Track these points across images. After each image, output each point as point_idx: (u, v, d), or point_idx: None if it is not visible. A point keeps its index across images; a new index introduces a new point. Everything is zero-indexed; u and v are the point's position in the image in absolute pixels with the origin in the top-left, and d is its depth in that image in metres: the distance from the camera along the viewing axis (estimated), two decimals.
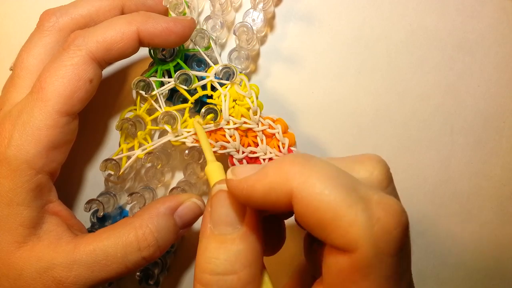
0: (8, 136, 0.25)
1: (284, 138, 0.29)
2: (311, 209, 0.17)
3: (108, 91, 0.33)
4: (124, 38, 0.26)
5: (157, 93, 0.29)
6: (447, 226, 0.33)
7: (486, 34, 0.32)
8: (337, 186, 0.17)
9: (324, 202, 0.16)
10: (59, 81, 0.25)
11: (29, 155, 0.25)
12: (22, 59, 0.27)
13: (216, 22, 0.30)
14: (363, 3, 0.32)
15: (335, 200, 0.16)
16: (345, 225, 0.16)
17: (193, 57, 0.31)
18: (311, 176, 0.17)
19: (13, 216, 0.25)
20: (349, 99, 0.33)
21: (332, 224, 0.16)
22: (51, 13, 0.28)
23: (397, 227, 0.16)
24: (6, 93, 0.27)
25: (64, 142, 0.27)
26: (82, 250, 0.25)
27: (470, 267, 0.33)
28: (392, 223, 0.16)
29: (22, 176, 0.25)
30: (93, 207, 0.29)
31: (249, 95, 0.29)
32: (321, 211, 0.16)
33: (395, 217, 0.16)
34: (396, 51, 0.32)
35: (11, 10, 0.34)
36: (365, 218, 0.16)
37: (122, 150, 0.30)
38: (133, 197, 0.30)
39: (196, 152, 0.31)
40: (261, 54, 0.33)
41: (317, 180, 0.17)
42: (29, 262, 0.25)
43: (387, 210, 0.16)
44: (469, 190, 0.32)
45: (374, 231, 0.16)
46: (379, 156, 0.19)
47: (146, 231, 0.26)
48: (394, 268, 0.16)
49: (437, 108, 0.32)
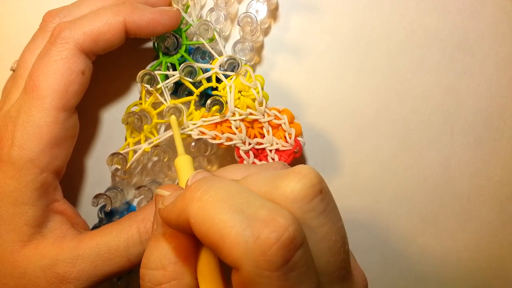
0: (10, 136, 0.25)
1: (290, 129, 0.29)
2: (202, 232, 0.18)
3: (108, 85, 0.33)
4: (111, 29, 0.26)
5: (162, 86, 0.29)
6: (447, 226, 0.33)
7: (486, 34, 0.32)
8: (224, 208, 0.17)
9: (211, 225, 0.17)
10: (52, 76, 0.25)
11: (32, 153, 0.25)
12: (26, 60, 0.27)
13: (220, 15, 0.30)
14: (363, 3, 0.32)
15: (220, 222, 0.17)
16: (229, 246, 0.17)
17: (197, 50, 0.31)
18: (202, 200, 0.18)
19: (18, 216, 0.25)
20: (349, 99, 0.32)
21: (219, 245, 0.17)
22: (54, 13, 0.28)
23: (276, 242, 0.16)
24: (8, 93, 0.27)
25: (66, 138, 0.27)
26: (85, 245, 0.25)
27: (470, 267, 0.33)
28: (272, 239, 0.16)
29: (27, 175, 0.25)
30: (101, 202, 0.29)
31: (254, 86, 0.29)
32: (210, 233, 0.17)
33: (276, 232, 0.17)
34: (396, 51, 0.32)
35: (11, 10, 0.34)
36: (244, 237, 0.17)
37: (128, 144, 0.30)
38: (140, 190, 0.30)
39: (202, 144, 0.30)
40: (265, 45, 0.33)
41: (207, 204, 0.18)
42: (33, 260, 0.25)
43: (269, 227, 0.17)
44: (470, 190, 0.32)
45: (252, 249, 0.16)
46: (309, 168, 0.19)
47: (148, 224, 0.26)
48: (280, 282, 0.17)
49: (437, 108, 0.32)
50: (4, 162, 0.25)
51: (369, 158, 0.33)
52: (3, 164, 0.25)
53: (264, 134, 0.29)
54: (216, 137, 0.29)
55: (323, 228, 0.19)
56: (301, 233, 0.17)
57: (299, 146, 0.29)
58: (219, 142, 0.29)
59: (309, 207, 0.18)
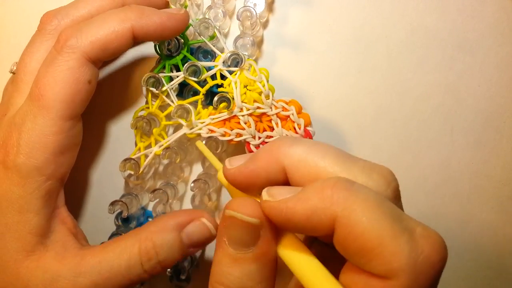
0: (16, 144, 0.25)
1: (299, 119, 0.29)
2: (354, 236, 0.17)
3: (111, 91, 0.33)
4: (119, 37, 0.25)
5: (168, 88, 0.29)
6: (447, 226, 0.33)
7: (486, 34, 0.32)
8: (382, 214, 0.17)
9: (370, 230, 0.16)
10: (59, 86, 0.25)
11: (38, 162, 0.25)
12: (25, 64, 0.27)
13: (218, 12, 0.30)
14: (363, 3, 0.32)
15: (380, 229, 0.16)
16: (388, 255, 0.16)
17: (199, 50, 0.31)
18: (356, 202, 0.17)
19: (23, 224, 0.25)
20: (349, 98, 0.32)
21: (374, 252, 0.16)
22: (52, 15, 0.28)
23: (440, 261, 0.17)
24: (10, 97, 0.27)
25: (71, 146, 0.27)
26: (87, 262, 0.25)
27: (470, 267, 0.33)
28: (435, 257, 0.17)
29: (32, 183, 0.25)
30: (117, 209, 0.29)
31: (259, 79, 0.28)
32: (365, 238, 0.17)
33: (438, 251, 0.17)
34: (396, 51, 0.32)
35: (11, 10, 0.34)
36: (409, 249, 0.16)
37: (139, 149, 0.30)
38: (155, 194, 0.29)
39: (213, 142, 0.30)
40: (265, 39, 0.33)
41: (363, 207, 0.17)
42: (36, 274, 0.25)
43: (431, 244, 0.17)
44: (470, 190, 0.32)
45: (417, 263, 0.16)
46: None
47: (149, 245, 0.25)
48: None
49: (437, 108, 0.32)
50: (10, 170, 0.25)
51: (369, 158, 0.32)
52: (9, 171, 0.25)
53: (273, 127, 0.29)
54: (226, 134, 0.29)
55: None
56: None
57: (309, 136, 0.29)
58: (229, 138, 0.29)
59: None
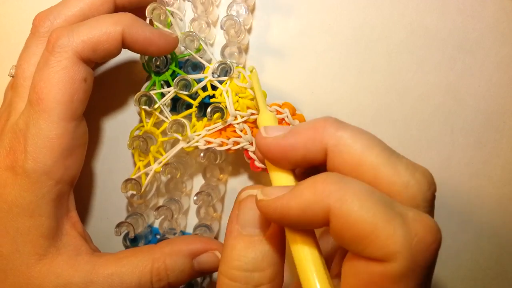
0: (23, 150, 0.25)
1: (294, 121, 0.29)
2: (349, 224, 0.17)
3: (111, 92, 0.33)
4: (110, 39, 0.26)
5: (160, 104, 0.29)
6: (447, 226, 0.33)
7: (486, 34, 0.32)
8: (374, 202, 0.17)
9: (363, 217, 0.17)
10: (55, 87, 0.25)
11: (46, 166, 0.25)
12: (23, 69, 0.27)
13: (202, 23, 0.30)
14: (363, 3, 0.32)
15: (373, 215, 0.17)
16: (384, 238, 0.17)
17: (188, 63, 0.31)
18: (348, 193, 0.18)
19: (35, 228, 0.25)
20: (349, 99, 0.32)
21: (369, 238, 0.17)
22: (44, 16, 0.27)
23: (434, 243, 0.18)
24: (11, 102, 0.27)
25: (77, 147, 0.27)
26: (100, 273, 0.25)
27: (470, 267, 0.33)
28: (429, 238, 0.18)
29: (42, 188, 0.25)
30: (123, 230, 0.29)
31: (250, 85, 0.29)
32: (359, 225, 0.17)
33: (432, 233, 0.18)
34: (396, 51, 0.32)
35: (11, 10, 0.34)
36: (403, 232, 0.17)
37: (139, 168, 0.30)
38: (160, 211, 0.29)
39: (211, 153, 0.30)
40: (251, 46, 0.33)
41: (354, 196, 0.18)
42: (48, 278, 0.25)
43: (424, 226, 0.18)
44: (469, 190, 0.32)
45: (413, 244, 0.17)
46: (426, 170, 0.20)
47: (161, 266, 0.26)
48: (424, 278, 0.18)
49: (437, 108, 0.32)
50: (19, 175, 0.25)
51: None
52: (18, 177, 0.25)
53: None
54: (223, 144, 0.29)
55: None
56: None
57: None
58: (226, 148, 0.29)
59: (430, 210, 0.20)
